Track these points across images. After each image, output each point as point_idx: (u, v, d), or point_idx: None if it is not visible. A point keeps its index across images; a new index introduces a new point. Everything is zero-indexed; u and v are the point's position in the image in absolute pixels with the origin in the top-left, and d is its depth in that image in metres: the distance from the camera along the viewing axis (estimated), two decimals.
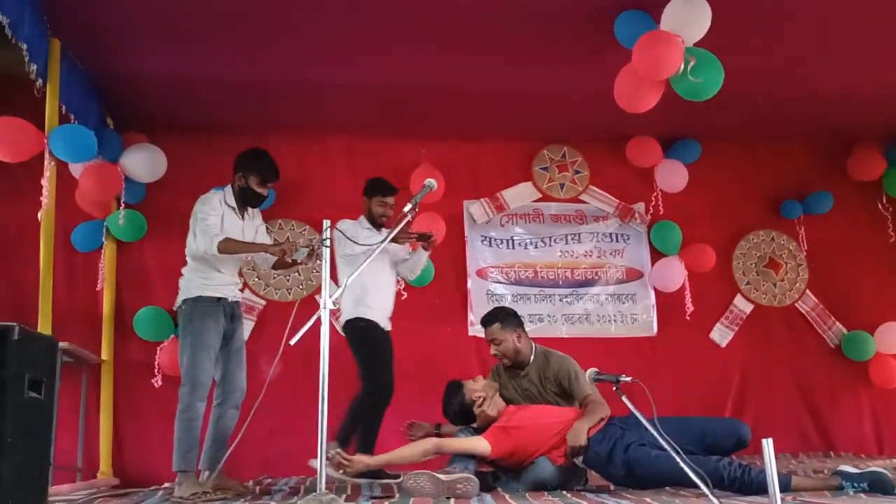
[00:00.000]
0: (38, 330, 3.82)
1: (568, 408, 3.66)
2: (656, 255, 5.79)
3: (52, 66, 3.96)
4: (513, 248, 5.76)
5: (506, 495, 3.17)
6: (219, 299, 3.78)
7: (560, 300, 5.69)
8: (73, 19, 3.93)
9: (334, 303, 2.84)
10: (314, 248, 3.67)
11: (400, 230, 3.61)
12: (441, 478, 3.06)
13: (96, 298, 5.07)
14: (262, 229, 4.05)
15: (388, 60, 4.51)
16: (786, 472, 3.08)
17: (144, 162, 4.93)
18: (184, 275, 3.84)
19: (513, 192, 5.80)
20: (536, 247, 5.78)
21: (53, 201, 3.96)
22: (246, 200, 3.91)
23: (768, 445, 2.32)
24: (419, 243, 4.24)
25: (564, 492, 3.27)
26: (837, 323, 5.89)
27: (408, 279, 4.56)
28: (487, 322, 3.88)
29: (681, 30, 3.68)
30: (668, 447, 2.56)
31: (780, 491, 2.33)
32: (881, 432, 5.75)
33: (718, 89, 3.77)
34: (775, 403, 5.66)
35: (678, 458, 2.52)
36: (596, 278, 5.77)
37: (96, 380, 4.93)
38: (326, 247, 2.99)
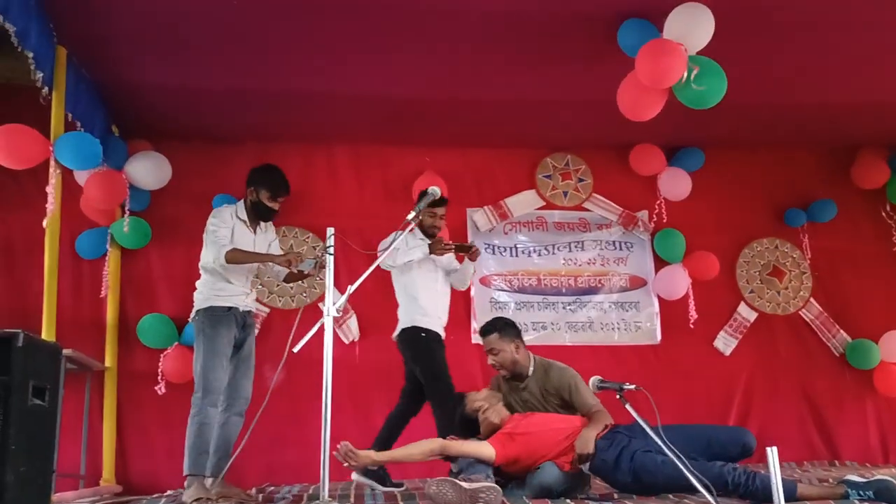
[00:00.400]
0: (42, 337, 3.83)
1: (575, 416, 3.64)
2: (660, 262, 5.79)
3: (59, 74, 3.99)
4: (516, 255, 5.76)
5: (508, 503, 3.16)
6: (230, 308, 3.85)
7: (563, 308, 5.69)
8: (80, 28, 3.96)
9: (337, 311, 2.84)
10: (321, 259, 3.72)
11: (444, 245, 4.07)
12: (464, 486, 3.04)
13: (100, 305, 5.08)
14: (275, 244, 4.14)
15: (392, 69, 4.53)
16: (791, 479, 3.07)
17: (149, 169, 4.95)
18: (197, 287, 3.93)
19: (516, 199, 5.80)
20: (540, 255, 5.77)
21: (59, 208, 3.98)
22: (258, 214, 3.98)
23: (773, 454, 2.31)
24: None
25: (568, 500, 3.26)
26: (842, 331, 5.87)
27: (460, 289, 4.61)
28: (485, 332, 3.87)
29: (684, 38, 3.69)
30: (671, 454, 2.56)
31: (785, 499, 2.32)
32: (886, 440, 5.72)
33: (721, 97, 3.77)
34: (780, 412, 5.64)
35: (681, 465, 2.51)
36: (599, 286, 5.76)
37: (100, 387, 4.93)
38: (330, 255, 3.00)
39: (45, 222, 3.92)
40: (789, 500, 2.79)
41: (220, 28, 4.01)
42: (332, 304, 2.84)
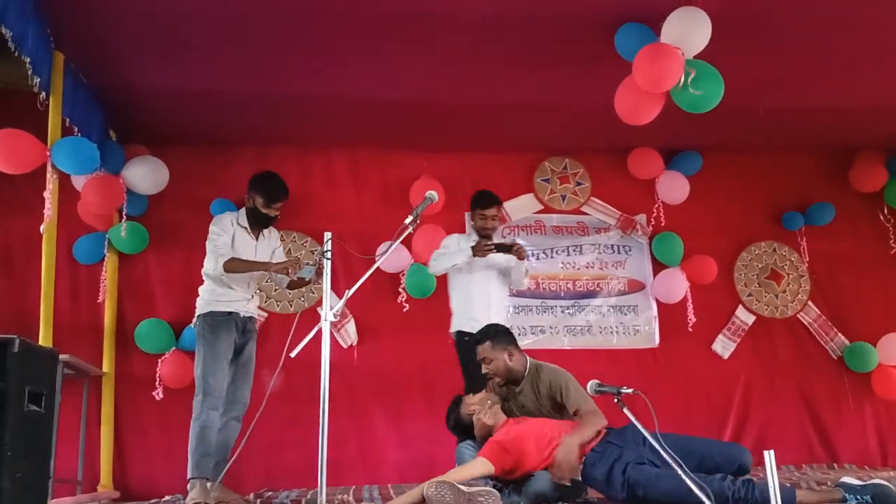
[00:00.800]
0: (39, 342, 3.82)
1: (569, 421, 3.62)
2: (658, 266, 5.78)
3: (56, 78, 3.98)
4: None
5: None
6: (230, 313, 3.90)
7: (562, 312, 5.68)
8: (77, 33, 3.96)
9: (335, 315, 2.84)
10: (321, 265, 3.71)
11: (484, 246, 4.18)
12: (463, 489, 3.05)
13: (98, 311, 5.07)
14: (279, 251, 4.19)
15: (391, 73, 4.52)
16: (790, 486, 3.05)
17: (147, 174, 4.94)
18: (200, 293, 3.98)
19: (514, 203, 5.80)
20: (538, 258, 5.77)
21: (56, 213, 3.98)
22: (256, 221, 4.04)
23: (770, 457, 2.30)
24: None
25: None
26: (840, 334, 5.87)
27: (518, 289, 4.70)
28: (477, 341, 3.84)
29: (681, 42, 3.70)
30: (673, 463, 2.53)
31: None
32: (885, 443, 5.72)
33: (719, 101, 3.77)
34: (778, 415, 5.64)
35: (683, 475, 2.49)
36: (598, 290, 5.76)
37: (97, 392, 4.92)
38: (328, 259, 2.99)
39: (42, 227, 3.91)
40: None
41: (217, 32, 4.01)
42: (329, 309, 2.83)
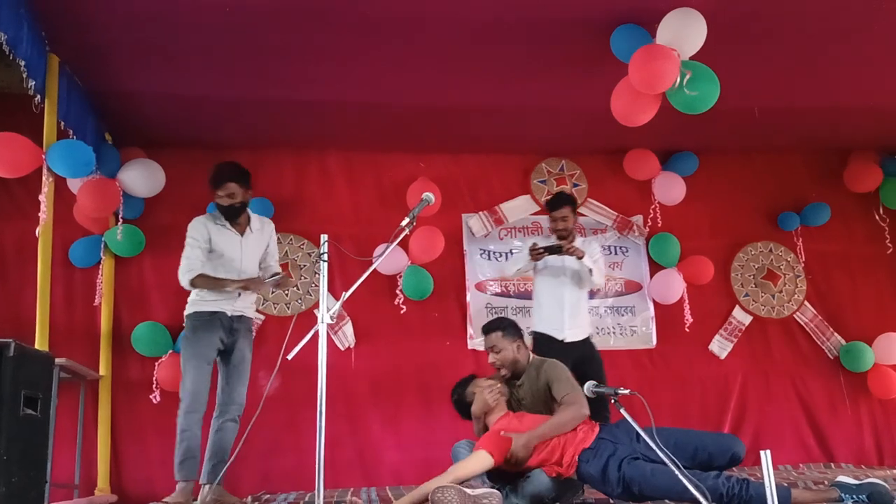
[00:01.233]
0: (35, 346, 3.81)
1: None
2: (655, 267, 5.79)
3: (51, 82, 3.98)
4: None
5: None
6: (214, 313, 3.87)
7: None
8: (72, 36, 3.95)
9: (332, 317, 2.84)
10: (279, 279, 3.84)
11: (534, 250, 4.43)
12: (468, 492, 3.06)
13: (94, 314, 5.05)
14: (273, 245, 4.16)
15: (386, 76, 4.52)
16: (786, 485, 3.06)
17: (143, 177, 4.94)
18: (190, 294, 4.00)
19: (511, 205, 5.80)
20: None
21: (51, 217, 3.97)
22: (227, 214, 4.00)
23: (766, 457, 2.31)
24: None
25: None
26: (836, 334, 5.89)
27: (591, 289, 4.84)
28: (490, 329, 3.85)
29: (676, 43, 3.70)
30: (668, 460, 2.54)
31: None
32: (881, 442, 5.74)
33: (714, 102, 3.78)
34: (775, 415, 5.65)
35: (678, 472, 2.49)
36: (594, 290, 5.75)
37: (94, 396, 4.90)
38: (324, 261, 2.99)
39: (37, 231, 3.90)
40: None
41: (213, 35, 4.00)
42: (326, 311, 2.83)
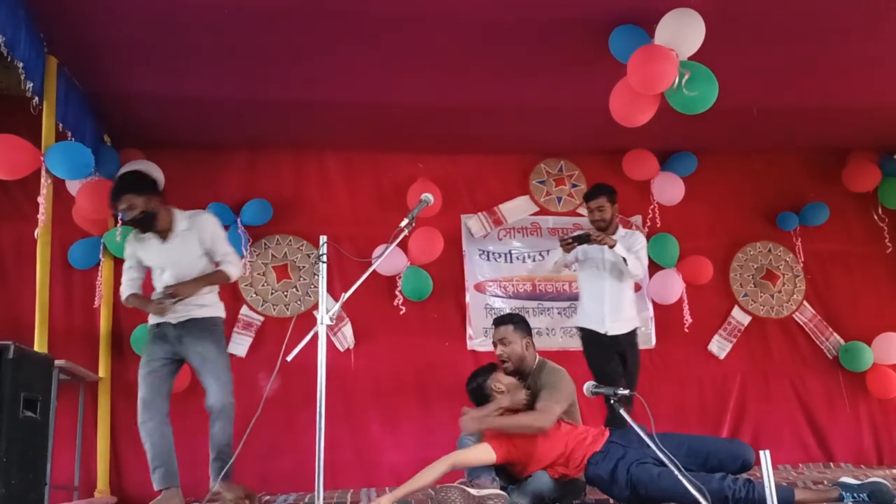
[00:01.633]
0: (34, 348, 3.81)
1: (574, 425, 3.60)
2: (654, 267, 5.78)
3: (49, 83, 3.97)
4: (511, 261, 5.76)
5: None
6: (158, 325, 3.91)
7: (558, 313, 5.68)
8: (70, 38, 3.94)
9: (331, 318, 2.84)
10: (178, 298, 3.80)
11: (563, 242, 4.35)
12: (472, 492, 3.05)
13: (94, 316, 5.04)
14: (211, 231, 4.00)
15: (384, 76, 4.52)
16: (788, 486, 3.06)
17: None
18: None
19: (510, 205, 5.80)
20: (534, 260, 5.77)
21: (50, 219, 3.96)
22: (137, 227, 3.96)
23: (766, 457, 2.31)
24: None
25: None
26: (835, 334, 5.89)
27: (633, 279, 4.73)
28: (501, 322, 3.84)
29: (675, 44, 3.70)
30: (669, 462, 2.54)
31: None
32: (880, 442, 5.74)
33: (713, 102, 3.78)
34: (774, 415, 5.65)
35: (680, 476, 2.49)
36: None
37: (94, 397, 4.90)
38: (324, 262, 2.98)
39: (36, 232, 3.90)
40: None
41: (211, 36, 3.99)
42: (325, 312, 2.83)
